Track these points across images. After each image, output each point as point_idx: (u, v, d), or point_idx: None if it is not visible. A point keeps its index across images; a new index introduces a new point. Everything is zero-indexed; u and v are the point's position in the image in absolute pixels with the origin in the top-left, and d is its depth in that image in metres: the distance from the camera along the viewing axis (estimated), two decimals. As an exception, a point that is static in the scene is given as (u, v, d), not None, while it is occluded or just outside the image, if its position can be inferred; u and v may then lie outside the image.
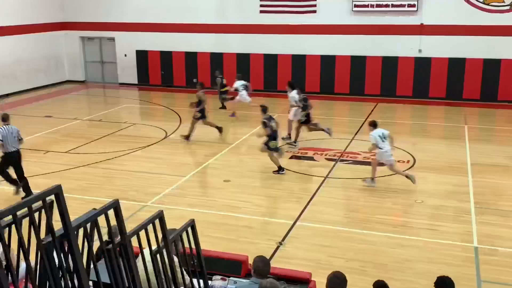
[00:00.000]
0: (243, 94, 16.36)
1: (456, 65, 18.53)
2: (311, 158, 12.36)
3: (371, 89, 19.66)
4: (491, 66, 18.14)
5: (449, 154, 12.73)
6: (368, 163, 11.84)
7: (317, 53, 19.99)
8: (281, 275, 5.41)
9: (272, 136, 11.12)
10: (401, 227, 8.67)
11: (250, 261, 5.13)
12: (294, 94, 13.51)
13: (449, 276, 4.70)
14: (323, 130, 13.39)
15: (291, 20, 19.91)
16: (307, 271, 5.66)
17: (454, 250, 7.81)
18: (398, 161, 11.95)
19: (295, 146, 13.22)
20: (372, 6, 18.97)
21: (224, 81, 17.60)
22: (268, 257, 5.58)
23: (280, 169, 11.18)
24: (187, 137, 13.70)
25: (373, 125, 10.35)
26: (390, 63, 19.28)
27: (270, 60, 20.56)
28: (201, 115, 13.76)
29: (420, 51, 18.86)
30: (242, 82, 16.70)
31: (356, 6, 19.13)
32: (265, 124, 11.14)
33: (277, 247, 7.84)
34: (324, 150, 12.90)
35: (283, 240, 8.09)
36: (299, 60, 20.23)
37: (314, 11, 19.65)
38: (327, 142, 13.58)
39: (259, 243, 7.98)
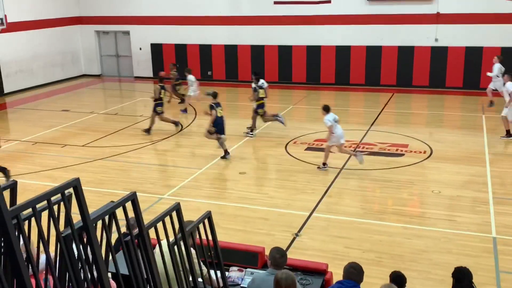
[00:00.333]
0: (192, 89, 16.05)
1: (473, 54, 18.28)
2: (327, 150, 12.30)
3: (387, 79, 19.50)
4: (509, 55, 17.85)
5: (466, 144, 12.60)
6: (385, 154, 11.79)
7: (332, 43, 19.86)
8: (297, 266, 5.43)
9: (216, 122, 11.55)
10: (418, 218, 8.62)
11: (267, 253, 5.15)
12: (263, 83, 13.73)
13: (467, 267, 4.67)
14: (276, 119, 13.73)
15: (305, 10, 19.80)
16: (324, 262, 5.67)
17: (472, 240, 7.74)
18: (415, 152, 11.88)
19: (252, 135, 13.54)
20: (387, -5, 18.78)
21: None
22: (284, 249, 5.61)
23: (226, 153, 11.67)
24: (147, 130, 13.87)
25: (326, 109, 10.71)
26: (406, 53, 19.08)
27: (285, 52, 20.48)
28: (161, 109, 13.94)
29: (436, 40, 18.64)
30: (193, 76, 16.39)
31: (371, -5, 18.96)
32: (211, 107, 11.57)
33: (293, 239, 7.86)
34: (340, 141, 12.84)
35: (299, 231, 8.10)
36: (313, 51, 20.12)
37: (329, 1, 19.50)
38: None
39: (275, 234, 8.00)
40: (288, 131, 13.80)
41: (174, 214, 3.63)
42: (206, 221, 4.07)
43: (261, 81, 13.74)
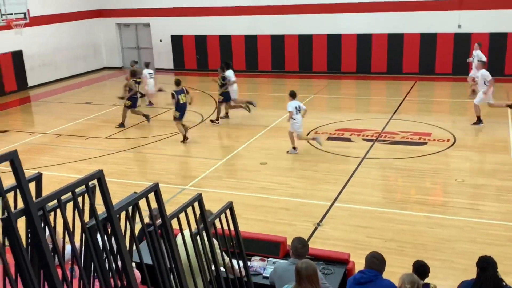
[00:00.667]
0: (150, 83, 16.12)
1: (498, 40, 17.90)
2: (348, 139, 12.25)
3: (409, 67, 19.25)
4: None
5: (490, 132, 12.39)
6: (408, 143, 11.68)
7: (353, 32, 19.67)
8: (319, 256, 5.43)
9: (179, 107, 12.23)
10: (441, 207, 8.53)
11: (289, 242, 5.17)
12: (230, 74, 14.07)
13: (491, 256, 4.62)
14: (241, 106, 14.20)
15: (325, -1, 19.64)
16: (346, 252, 5.67)
17: (496, 229, 7.64)
18: (438, 140, 11.73)
19: (217, 123, 14.00)
20: (409, -19, 18.49)
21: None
22: (306, 238, 5.61)
23: (185, 138, 12.34)
24: (121, 125, 14.06)
25: (292, 95, 11.18)
26: (428, 40, 18.79)
27: (305, 41, 20.35)
28: (132, 104, 14.07)
29: (459, 26, 18.30)
30: (150, 70, 16.37)
31: (392, -18, 18.68)
32: (172, 95, 12.31)
33: (315, 228, 7.86)
34: (362, 130, 12.77)
35: (320, 221, 8.10)
36: (334, 40, 19.96)
37: (349, -11, 19.30)
38: (364, 122, 13.44)
39: (296, 224, 8.01)
40: (309, 121, 13.75)
41: (196, 204, 3.66)
42: (227, 211, 4.10)
43: (228, 72, 14.07)
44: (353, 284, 4.49)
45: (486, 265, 4.51)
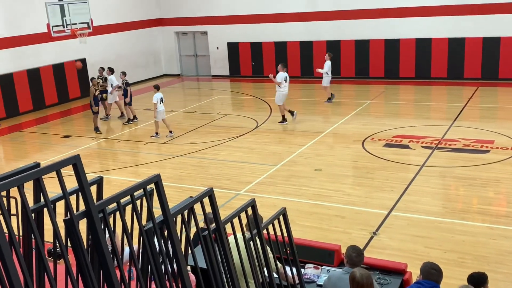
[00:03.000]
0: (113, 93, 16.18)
1: None
2: (407, 146, 11.95)
3: (471, 72, 18.59)
4: None
5: (560, 140, 11.75)
6: (469, 150, 11.27)
7: (412, 36, 19.22)
8: (375, 265, 5.32)
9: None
10: (505, 218, 8.16)
11: (343, 251, 5.09)
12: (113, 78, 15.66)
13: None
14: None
15: (383, 3, 19.31)
16: (402, 262, 5.52)
17: None
18: (501, 148, 11.25)
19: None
20: (471, -16, 17.89)
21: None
22: (361, 247, 5.51)
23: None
24: (96, 129, 14.77)
25: (157, 88, 13.99)
26: (491, 44, 18.08)
27: (362, 46, 20.09)
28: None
29: (525, 29, 17.51)
30: (113, 78, 16.19)
31: (453, -15, 18.14)
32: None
33: (371, 237, 7.71)
34: (421, 137, 12.43)
35: (377, 230, 7.93)
36: (392, 45, 19.58)
37: (408, -7, 18.91)
38: (423, 129, 13.09)
39: (351, 232, 7.89)
40: (365, 127, 13.55)
41: (249, 209, 3.68)
42: (281, 217, 4.10)
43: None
44: (410, 295, 4.37)
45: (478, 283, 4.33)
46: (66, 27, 18.66)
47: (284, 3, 21.00)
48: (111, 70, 16.17)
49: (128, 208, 3.05)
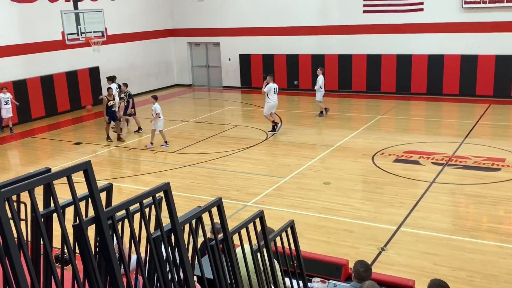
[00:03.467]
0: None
1: None
2: (417, 162, 11.89)
3: (483, 89, 18.51)
4: None
5: None
6: (480, 168, 11.19)
7: (424, 52, 19.21)
8: (383, 281, 5.27)
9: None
10: (516, 237, 8.06)
11: (351, 265, 5.06)
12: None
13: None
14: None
15: (396, 19, 19.34)
16: (410, 278, 5.47)
17: None
18: (509, 166, 11.17)
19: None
20: (484, 2, 17.86)
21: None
22: (369, 262, 5.48)
23: (107, 138, 14.70)
24: (108, 137, 14.91)
25: (155, 98, 14.16)
26: (504, 62, 18.01)
27: (374, 61, 20.09)
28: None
29: (539, 48, 17.43)
30: (115, 85, 16.07)
31: (466, 2, 18.13)
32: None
33: (379, 253, 7.65)
34: (431, 154, 12.37)
35: (385, 245, 7.87)
36: (404, 60, 19.57)
37: (421, 9, 18.91)
38: (434, 145, 13.02)
39: (359, 247, 7.83)
40: (376, 142, 13.50)
41: (257, 221, 3.67)
42: (289, 229, 4.08)
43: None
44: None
45: None
46: (81, 35, 18.86)
47: (296, 17, 21.10)
48: (111, 79, 16.72)
49: (137, 216, 3.06)
